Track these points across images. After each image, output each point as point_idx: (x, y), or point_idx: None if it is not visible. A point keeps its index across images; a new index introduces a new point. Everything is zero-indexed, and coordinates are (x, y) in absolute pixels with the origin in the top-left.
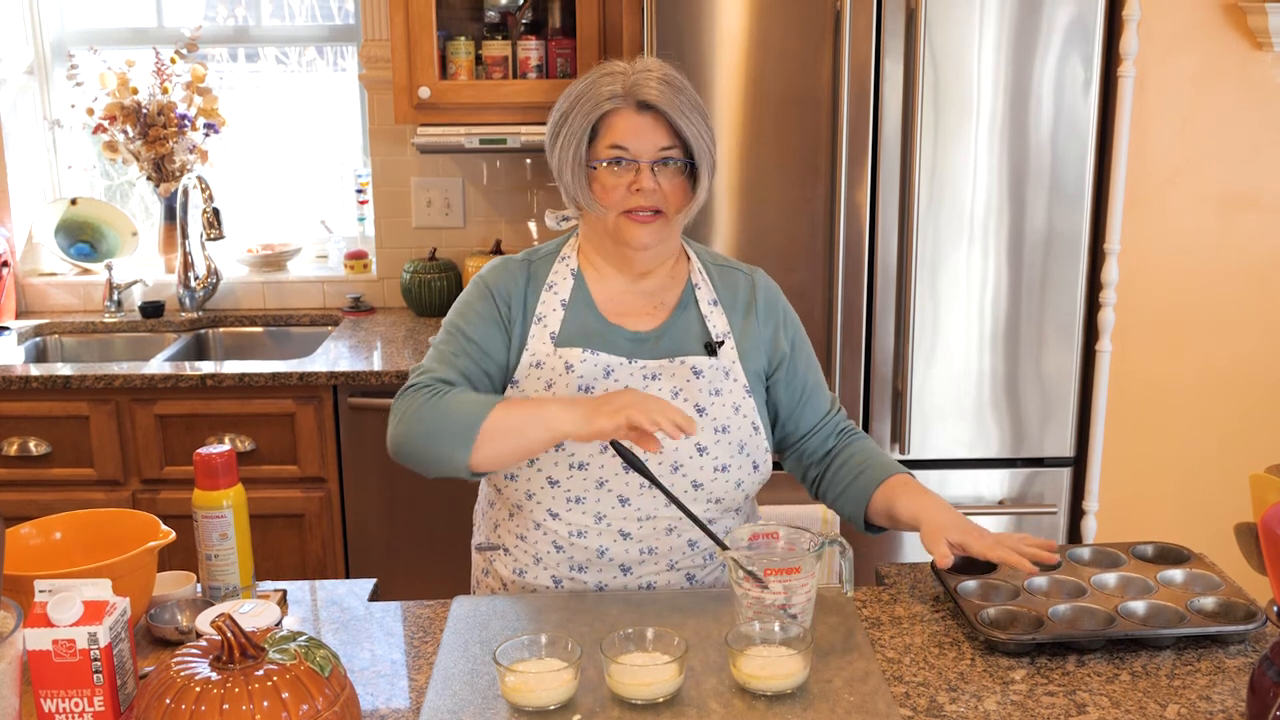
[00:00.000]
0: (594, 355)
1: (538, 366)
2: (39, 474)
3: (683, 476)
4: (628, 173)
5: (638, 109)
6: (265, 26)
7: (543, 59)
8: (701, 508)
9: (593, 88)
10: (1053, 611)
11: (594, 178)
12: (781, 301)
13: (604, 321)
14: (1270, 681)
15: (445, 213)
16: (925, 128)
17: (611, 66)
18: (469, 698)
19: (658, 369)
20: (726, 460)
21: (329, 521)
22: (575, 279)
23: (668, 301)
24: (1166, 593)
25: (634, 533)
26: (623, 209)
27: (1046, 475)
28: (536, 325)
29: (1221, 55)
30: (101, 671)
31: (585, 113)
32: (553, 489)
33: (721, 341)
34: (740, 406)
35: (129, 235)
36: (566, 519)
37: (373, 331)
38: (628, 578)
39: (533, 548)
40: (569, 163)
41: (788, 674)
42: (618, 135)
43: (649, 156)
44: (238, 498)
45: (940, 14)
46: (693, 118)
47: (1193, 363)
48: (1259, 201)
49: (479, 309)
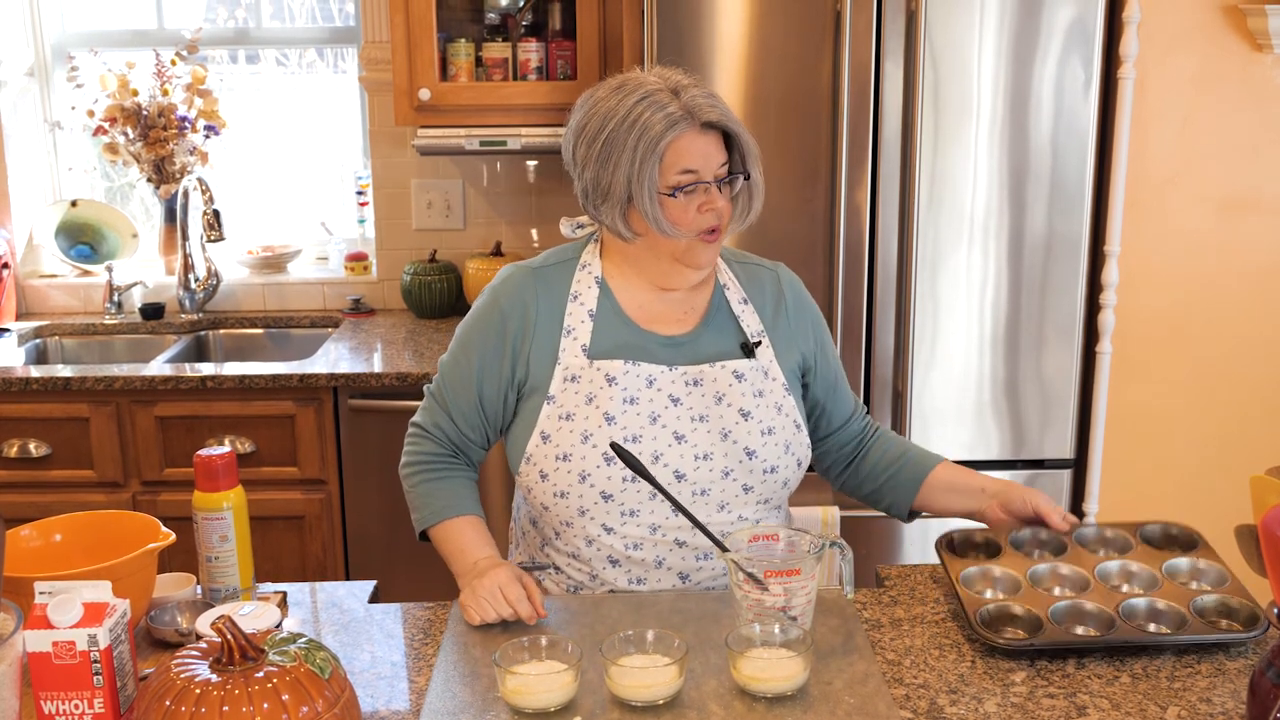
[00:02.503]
0: (635, 366)
1: (574, 380)
2: (39, 476)
3: (734, 481)
4: (699, 195)
5: (701, 130)
6: (265, 28)
7: (543, 61)
8: (752, 510)
9: (643, 113)
10: (1053, 611)
11: (667, 205)
12: (806, 295)
13: (637, 329)
14: (1270, 684)
15: (445, 215)
16: (925, 129)
17: (645, 88)
18: (469, 699)
19: (698, 374)
20: (775, 462)
21: (329, 523)
22: (601, 287)
23: (698, 305)
24: (1170, 589)
25: (689, 540)
26: (695, 231)
27: (1047, 477)
28: (566, 338)
29: (1221, 57)
30: (101, 673)
31: (653, 139)
32: (607, 503)
33: (759, 341)
34: (782, 406)
35: (129, 237)
36: (621, 532)
37: (373, 333)
38: (686, 585)
39: (588, 565)
40: (644, 191)
41: (788, 676)
42: (687, 160)
43: (712, 175)
44: (238, 499)
45: (940, 15)
46: (744, 132)
47: (1193, 364)
48: (1259, 203)
49: (486, 333)
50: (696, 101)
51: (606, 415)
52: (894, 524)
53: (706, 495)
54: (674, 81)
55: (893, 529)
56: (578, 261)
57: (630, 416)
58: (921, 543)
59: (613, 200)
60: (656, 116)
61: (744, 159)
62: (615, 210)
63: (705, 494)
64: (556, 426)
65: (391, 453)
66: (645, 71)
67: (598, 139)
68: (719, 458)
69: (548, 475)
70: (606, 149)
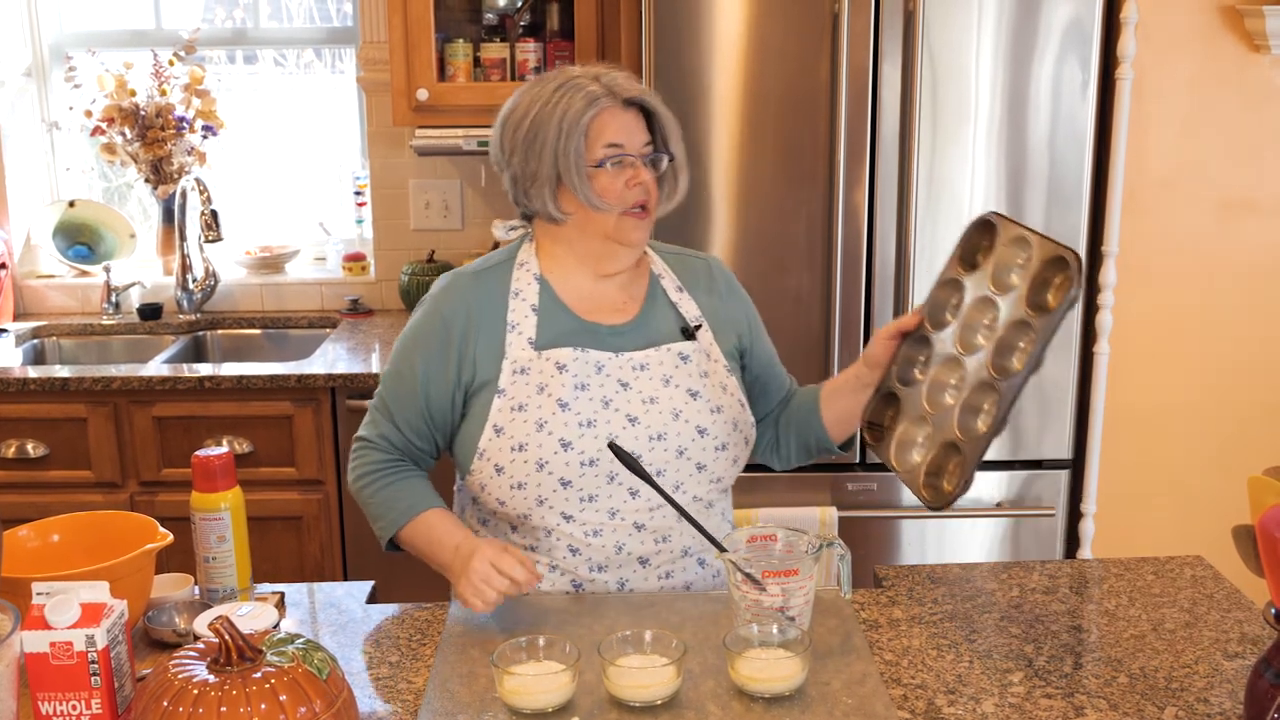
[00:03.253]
0: (584, 353)
1: (523, 372)
2: (37, 476)
3: (687, 460)
4: (625, 169)
5: (624, 106)
6: (263, 29)
7: (541, 61)
8: (705, 489)
9: (565, 96)
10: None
11: (594, 177)
12: (737, 282)
13: (580, 320)
14: (1268, 684)
15: (443, 215)
16: (923, 130)
17: (567, 75)
18: (467, 700)
19: (644, 359)
20: (725, 439)
21: (327, 524)
22: (540, 283)
23: (636, 295)
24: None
25: (648, 523)
26: (624, 206)
27: (1044, 477)
28: (511, 333)
29: (1219, 57)
30: (99, 674)
31: (575, 116)
32: (565, 490)
33: (699, 325)
34: (726, 385)
35: (127, 237)
36: (581, 519)
37: (371, 334)
38: (647, 569)
39: (546, 555)
40: (571, 167)
41: (786, 676)
42: (611, 134)
43: (637, 151)
44: (235, 500)
45: (938, 16)
46: (666, 111)
47: (1190, 365)
48: (1257, 204)
49: (429, 344)
50: (617, 81)
51: (560, 402)
52: (893, 524)
53: (662, 476)
54: (595, 69)
55: (892, 529)
56: (514, 261)
57: (583, 402)
58: (920, 543)
59: (541, 181)
60: (578, 96)
61: (666, 139)
62: (545, 191)
63: (661, 474)
64: (509, 418)
65: None
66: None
67: (523, 124)
68: (672, 437)
69: (503, 468)
70: (532, 132)
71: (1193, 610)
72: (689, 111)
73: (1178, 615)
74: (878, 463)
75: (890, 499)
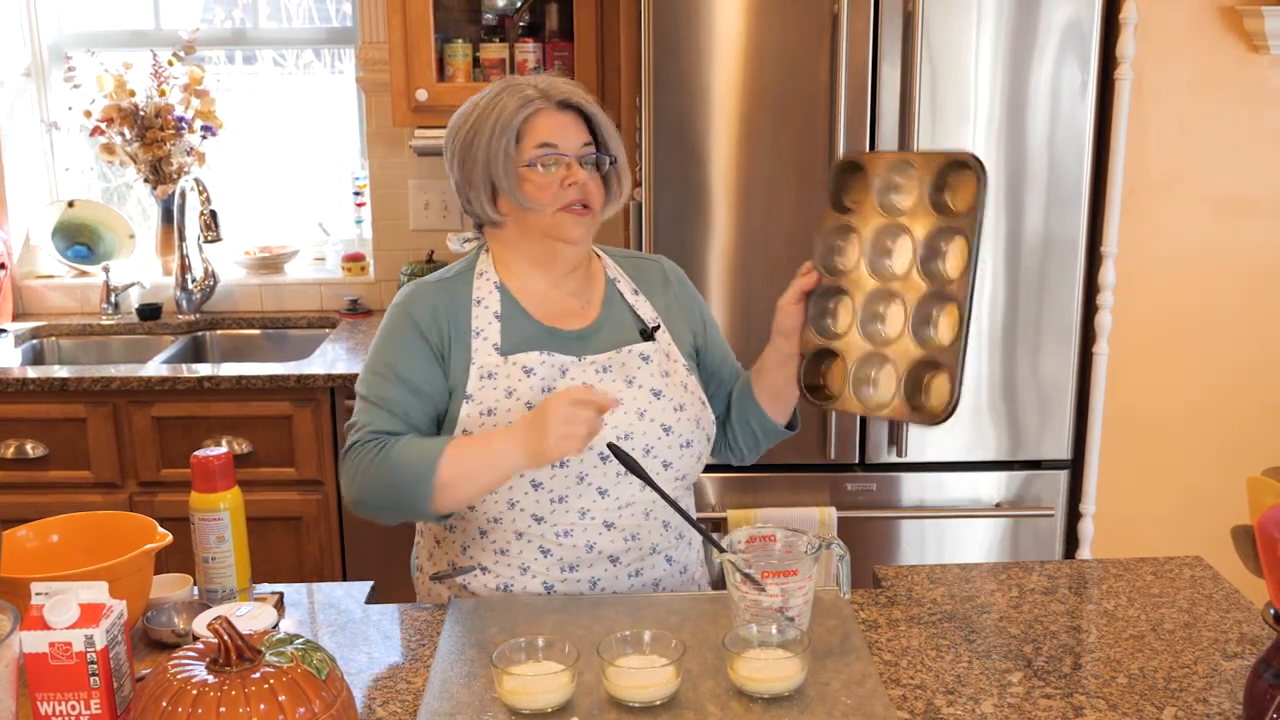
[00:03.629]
0: (550, 356)
1: (490, 378)
2: (36, 476)
3: (654, 458)
4: (560, 169)
5: (559, 108)
6: (263, 29)
7: (540, 61)
8: (670, 486)
9: (501, 99)
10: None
11: (526, 178)
12: (687, 279)
13: (541, 326)
14: (1267, 684)
15: (443, 215)
16: (922, 130)
17: (509, 81)
18: (466, 700)
19: (607, 361)
20: (689, 435)
21: (326, 524)
22: (500, 291)
23: (594, 299)
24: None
25: (617, 522)
26: (559, 205)
27: (1044, 478)
28: (477, 339)
29: (1218, 58)
30: (98, 674)
31: (508, 118)
32: (536, 492)
33: (657, 326)
34: (687, 383)
35: (126, 237)
36: (551, 520)
37: (370, 334)
38: (617, 568)
39: (518, 558)
40: (500, 169)
41: (785, 677)
42: (544, 134)
43: (574, 152)
44: (235, 500)
45: (937, 16)
46: (604, 115)
47: (1190, 365)
48: (1256, 204)
49: (406, 342)
50: (555, 85)
51: (528, 405)
52: (892, 525)
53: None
54: (541, 77)
55: (891, 530)
56: (474, 271)
57: None
58: (919, 544)
59: (476, 185)
60: (513, 99)
61: (606, 142)
62: (482, 195)
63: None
64: (479, 423)
65: None
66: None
67: (462, 129)
68: (639, 436)
69: None
70: (470, 136)
71: (1192, 610)
72: (689, 111)
73: (1177, 615)
74: (878, 463)
75: (890, 499)
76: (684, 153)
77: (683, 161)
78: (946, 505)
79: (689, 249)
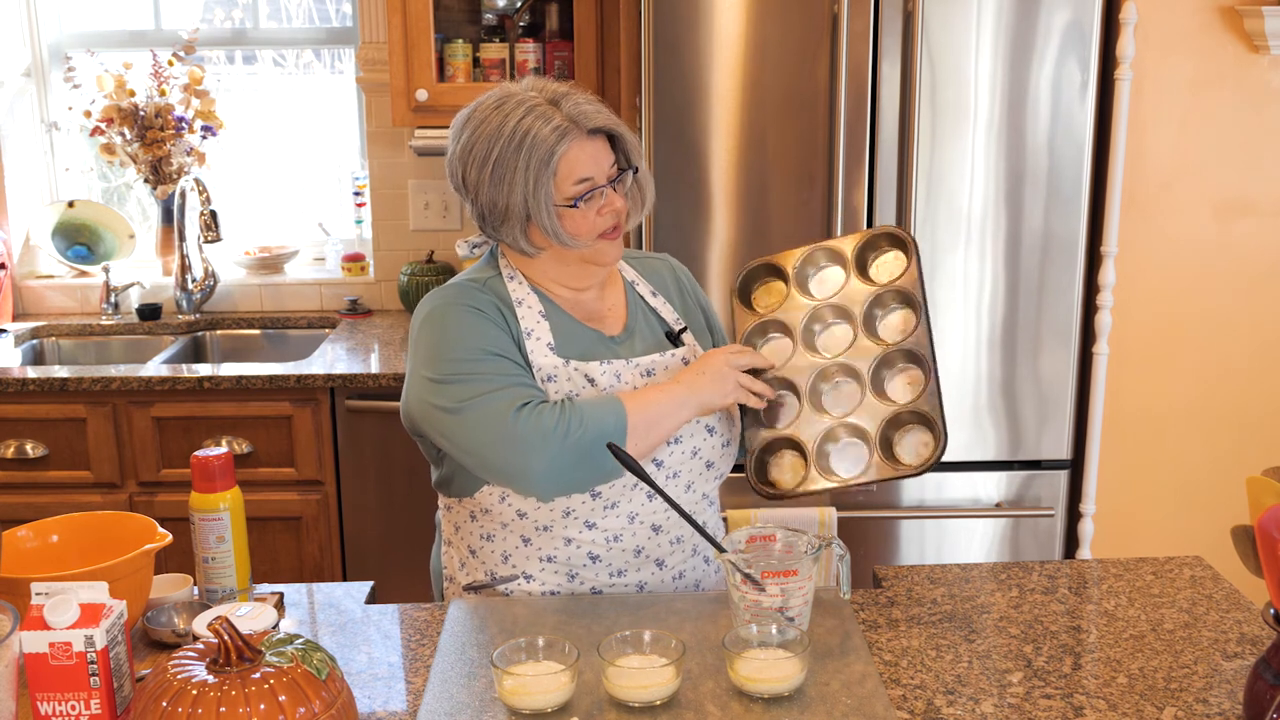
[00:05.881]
0: (609, 365)
1: (551, 380)
2: (36, 476)
3: (699, 459)
4: (596, 200)
5: (589, 136)
6: (263, 29)
7: (540, 62)
8: (711, 485)
9: (526, 124)
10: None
11: (566, 215)
12: (694, 280)
13: (586, 328)
14: (1267, 684)
15: (443, 215)
16: (922, 130)
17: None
18: (466, 700)
19: (650, 365)
20: (727, 435)
21: (326, 524)
22: (536, 293)
23: (617, 302)
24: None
25: (664, 524)
26: (597, 233)
27: (1043, 478)
28: (529, 340)
29: (1218, 58)
30: (98, 674)
31: (544, 153)
32: (594, 500)
33: (684, 328)
34: None
35: (126, 238)
36: (603, 526)
37: (370, 334)
38: (663, 571)
39: (566, 565)
40: (541, 207)
41: (785, 677)
42: (581, 169)
43: (606, 178)
44: (235, 500)
45: (937, 17)
46: (625, 127)
47: (1190, 365)
48: (1256, 205)
49: (480, 326)
50: (580, 109)
51: None
52: (892, 525)
53: (677, 477)
54: (551, 91)
55: (891, 530)
56: (501, 274)
57: None
58: (919, 544)
59: (512, 220)
60: (544, 131)
61: (628, 154)
62: (516, 229)
63: (676, 475)
64: None
65: (388, 453)
66: (518, 83)
67: (488, 162)
68: (687, 439)
69: None
70: (499, 171)
71: (1192, 611)
72: (689, 111)
73: (1177, 616)
74: None
75: (890, 499)
76: (684, 153)
77: (683, 161)
78: (946, 505)
79: (689, 249)
